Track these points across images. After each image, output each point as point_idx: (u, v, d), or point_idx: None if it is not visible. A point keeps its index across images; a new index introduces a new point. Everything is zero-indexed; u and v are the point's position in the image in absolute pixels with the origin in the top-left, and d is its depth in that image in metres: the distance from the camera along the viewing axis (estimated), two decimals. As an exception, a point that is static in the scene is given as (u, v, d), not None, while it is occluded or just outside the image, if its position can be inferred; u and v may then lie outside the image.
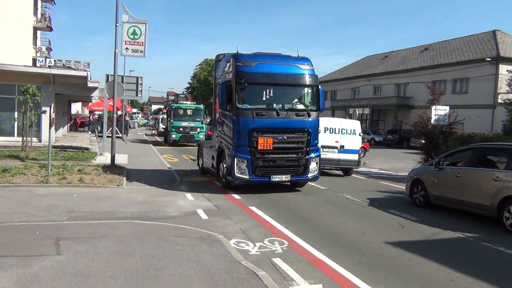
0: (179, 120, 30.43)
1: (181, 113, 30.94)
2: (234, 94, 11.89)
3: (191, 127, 30.48)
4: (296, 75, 12.53)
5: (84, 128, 44.34)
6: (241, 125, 11.85)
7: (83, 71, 22.72)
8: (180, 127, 30.26)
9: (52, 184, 12.09)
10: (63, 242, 6.79)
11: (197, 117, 31.19)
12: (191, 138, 30.26)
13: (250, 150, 11.84)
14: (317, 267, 6.50)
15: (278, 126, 12.02)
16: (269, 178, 12.08)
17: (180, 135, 30.16)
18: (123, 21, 15.66)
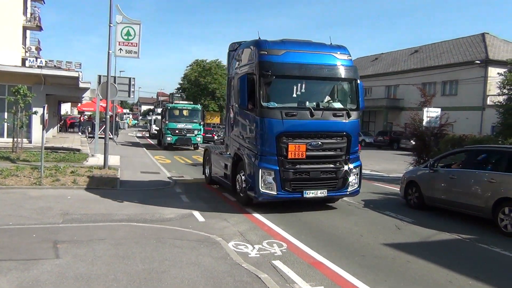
0: (175, 122, 28.15)
1: (177, 114, 28.70)
2: (257, 90, 9.84)
3: (188, 129, 28.33)
4: (333, 66, 10.47)
5: (74, 129, 43.96)
6: (267, 128, 9.78)
7: (75, 72, 22.50)
8: (176, 129, 28.08)
9: (45, 186, 11.96)
10: (61, 245, 6.72)
11: (194, 118, 28.95)
12: (188, 141, 28.58)
13: (278, 160, 9.79)
14: (317, 269, 6.51)
15: (313, 129, 10.00)
16: (302, 193, 9.98)
17: (176, 138, 28.07)
18: (117, 22, 15.59)
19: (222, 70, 66.63)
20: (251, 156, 10.23)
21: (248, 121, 10.47)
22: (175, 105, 29.77)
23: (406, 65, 47.69)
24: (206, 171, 14.81)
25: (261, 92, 9.81)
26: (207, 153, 14.87)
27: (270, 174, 9.79)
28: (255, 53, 10.17)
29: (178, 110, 28.99)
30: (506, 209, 9.00)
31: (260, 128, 9.87)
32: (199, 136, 28.95)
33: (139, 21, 15.78)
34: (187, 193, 12.53)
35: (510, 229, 8.88)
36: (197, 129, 28.86)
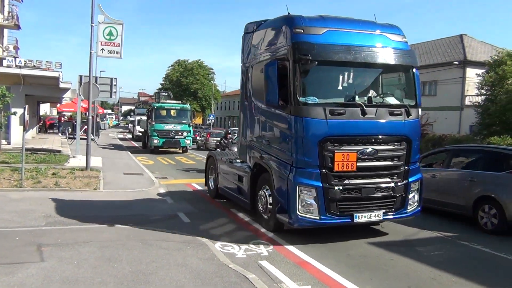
0: (162, 123, 26.24)
1: (164, 114, 26.79)
2: (291, 81, 7.53)
3: (176, 131, 26.43)
4: (387, 50, 8.15)
5: (53, 130, 43.23)
6: (307, 131, 7.41)
7: (55, 72, 22.17)
8: (164, 130, 26.17)
9: (27, 188, 11.76)
10: (45, 248, 6.62)
11: (183, 118, 27.16)
12: (176, 143, 26.80)
13: (321, 173, 7.47)
14: (304, 268, 6.57)
15: (365, 132, 7.70)
16: (352, 217, 7.69)
17: (163, 140, 26.14)
18: (99, 22, 15.43)
19: (205, 71, 66.57)
20: (282, 167, 7.91)
21: (278, 122, 8.14)
22: (162, 105, 27.62)
23: (387, 65, 48.24)
24: (210, 182, 12.42)
25: (296, 84, 7.49)
26: (211, 161, 12.56)
27: (310, 192, 7.50)
28: (288, 32, 7.84)
29: (165, 110, 27.02)
30: (486, 207, 9.23)
31: (297, 131, 7.52)
32: (188, 138, 27.16)
33: (121, 21, 15.65)
34: (172, 194, 12.48)
35: (490, 226, 9.11)
36: (186, 130, 26.97)
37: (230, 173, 10.79)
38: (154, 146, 26.17)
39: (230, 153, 12.46)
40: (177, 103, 29.84)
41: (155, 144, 26.14)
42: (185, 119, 27.32)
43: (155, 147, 26.26)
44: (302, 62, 7.42)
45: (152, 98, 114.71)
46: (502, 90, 24.23)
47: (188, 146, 27.88)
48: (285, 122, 7.83)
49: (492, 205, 9.09)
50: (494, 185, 9.17)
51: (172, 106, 27.74)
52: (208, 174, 12.70)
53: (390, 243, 8.18)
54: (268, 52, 8.65)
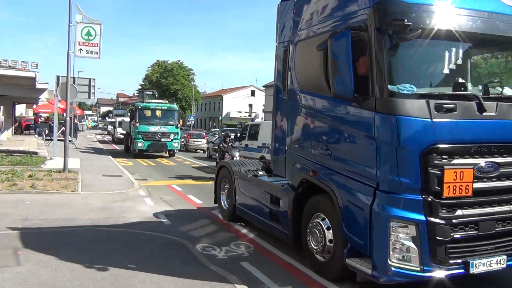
0: (147, 124, 24.24)
1: (149, 115, 24.80)
2: (377, 60, 5.04)
3: (162, 133, 24.46)
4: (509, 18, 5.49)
5: (29, 131, 42.41)
6: (404, 135, 4.93)
7: (31, 72, 21.73)
8: (149, 133, 24.11)
9: (1, 190, 11.50)
10: (22, 252, 6.49)
11: (170, 119, 25.20)
12: (163, 146, 24.89)
13: (425, 201, 5.00)
14: (285, 269, 6.60)
15: (484, 137, 5.27)
16: (466, 266, 5.09)
17: (148, 143, 24.15)
18: (76, 21, 15.21)
19: (185, 71, 66.32)
20: (357, 190, 5.44)
21: (350, 122, 5.58)
22: (147, 105, 25.53)
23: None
24: (223, 201, 9.89)
25: (384, 65, 5.03)
26: (223, 173, 9.96)
27: (409, 230, 5.00)
28: None
29: (150, 110, 24.96)
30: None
31: (387, 136, 5.05)
32: (176, 141, 25.18)
33: (99, 21, 15.46)
34: (151, 196, 12.38)
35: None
36: (174, 132, 24.97)
37: (255, 191, 8.28)
38: (139, 149, 24.32)
39: (250, 163, 9.74)
40: (163, 102, 27.93)
41: (139, 148, 24.21)
42: (172, 120, 25.31)
43: (139, 150, 24.40)
44: (394, 31, 4.92)
45: (131, 99, 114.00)
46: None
47: (175, 150, 26.04)
48: (363, 122, 5.31)
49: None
50: None
51: (158, 106, 25.73)
52: (219, 188, 10.10)
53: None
54: (330, 20, 5.95)
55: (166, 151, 25.63)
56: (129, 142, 26.78)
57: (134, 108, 26.01)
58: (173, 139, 24.91)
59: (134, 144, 24.47)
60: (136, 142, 24.15)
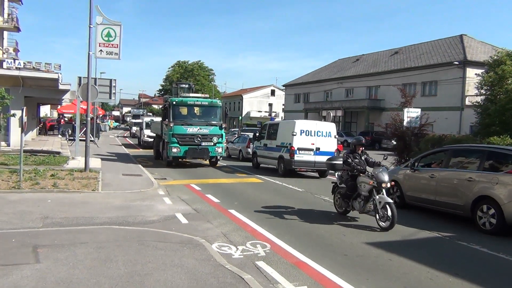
0: (184, 124, 19.47)
1: (186, 113, 20.11)
2: None
3: (203, 136, 19.60)
4: None
5: (53, 132, 43.30)
6: None
7: (54, 73, 22.17)
8: (186, 135, 19.35)
9: (25, 190, 11.74)
10: (41, 250, 6.61)
11: (212, 118, 20.23)
12: (203, 152, 19.75)
13: None
14: (301, 269, 6.54)
15: None
16: None
17: (185, 149, 19.28)
18: (97, 23, 15.42)
19: (205, 72, 66.72)
20: None
21: None
22: (184, 100, 20.26)
23: (387, 66, 48.29)
24: None
25: None
26: None
27: None
28: None
29: (188, 107, 20.16)
30: (484, 207, 9.20)
31: None
32: (220, 146, 20.16)
33: (119, 22, 15.63)
34: (170, 195, 12.45)
35: (488, 226, 9.08)
36: (217, 134, 19.97)
37: None
38: (173, 156, 19.52)
39: None
40: (204, 97, 22.17)
41: (174, 154, 19.38)
42: (215, 119, 20.27)
43: (174, 157, 19.70)
44: None
45: (152, 100, 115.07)
46: (502, 90, 24.16)
47: (219, 156, 20.92)
48: None
49: (491, 205, 9.06)
50: (492, 185, 9.14)
51: (198, 101, 20.49)
52: None
53: (388, 243, 8.15)
54: None
55: (207, 158, 20.63)
56: (161, 147, 21.94)
57: (167, 104, 20.47)
58: (216, 143, 19.95)
59: (168, 150, 19.53)
60: (170, 148, 19.26)
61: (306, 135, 17.46)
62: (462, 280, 6.27)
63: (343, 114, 51.05)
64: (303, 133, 17.43)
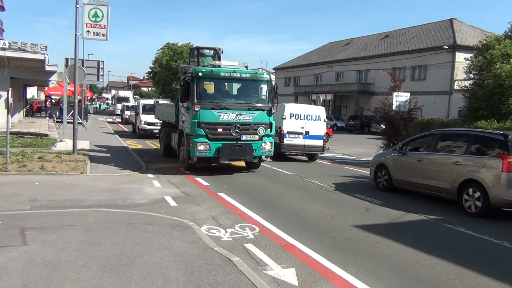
0: (216, 108, 12.96)
1: (217, 91, 13.63)
2: None
3: (244, 125, 13.18)
4: None
5: (40, 114, 42.79)
6: None
7: (40, 54, 21.77)
8: (219, 124, 12.94)
9: (11, 172, 11.63)
10: (29, 232, 6.57)
11: (256, 98, 13.77)
12: (244, 151, 13.21)
13: None
14: (289, 251, 6.60)
15: None
16: None
17: (218, 146, 12.90)
18: (83, 3, 15.10)
19: (194, 54, 65.72)
20: None
21: None
22: (216, 71, 13.33)
23: (377, 50, 48.28)
24: None
25: None
26: None
27: None
28: None
29: (221, 81, 13.58)
30: (470, 190, 9.33)
31: None
32: (268, 141, 13.58)
33: (107, 3, 15.33)
34: (159, 178, 12.42)
35: (473, 209, 9.23)
36: (265, 124, 13.44)
37: None
38: (200, 157, 12.98)
39: None
40: (243, 65, 14.15)
41: (201, 154, 12.83)
42: (262, 99, 13.70)
43: (200, 159, 13.15)
44: None
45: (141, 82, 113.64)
46: (490, 74, 24.30)
47: (265, 155, 13.83)
48: None
49: (476, 188, 9.20)
50: (478, 169, 9.26)
51: (236, 72, 13.45)
52: None
53: (375, 226, 8.25)
54: None
55: (250, 158, 13.42)
56: (175, 141, 15.30)
57: (188, 77, 13.33)
58: (263, 136, 13.36)
59: (192, 149, 12.81)
60: (195, 144, 12.68)
61: (296, 118, 17.46)
62: (446, 262, 6.38)
63: (333, 98, 51.17)
64: (293, 116, 17.43)
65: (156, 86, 72.41)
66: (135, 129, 28.82)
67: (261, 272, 5.70)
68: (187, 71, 13.85)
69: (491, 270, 6.11)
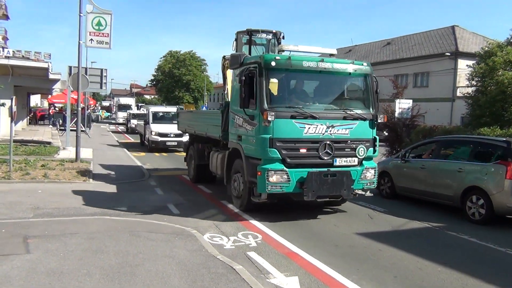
0: (298, 116, 8.42)
1: (298, 89, 9.34)
2: None
3: (339, 143, 8.83)
4: None
5: (44, 121, 42.91)
6: None
7: (44, 63, 21.91)
8: (301, 142, 8.50)
9: (15, 180, 11.66)
10: (32, 240, 6.58)
11: (354, 101, 9.64)
12: (340, 184, 8.65)
13: None
14: (292, 259, 6.58)
15: None
16: None
17: (301, 176, 8.37)
18: (87, 11, 15.21)
19: (197, 62, 66.12)
20: None
21: None
22: (296, 59, 8.82)
23: (379, 57, 48.31)
24: None
25: None
26: None
27: None
28: None
29: (302, 74, 9.10)
30: (474, 197, 9.29)
31: None
32: (370, 167, 9.23)
33: (110, 11, 15.44)
34: (162, 185, 12.42)
35: (477, 216, 9.18)
36: (365, 140, 9.19)
37: None
38: (272, 192, 8.45)
39: None
40: (330, 53, 9.93)
41: (274, 189, 8.34)
42: (360, 103, 9.65)
43: (270, 195, 8.70)
44: None
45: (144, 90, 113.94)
46: (492, 81, 24.30)
47: (368, 188, 9.49)
48: None
49: (480, 195, 9.16)
50: (481, 176, 9.23)
51: (325, 62, 8.92)
52: None
53: (378, 234, 8.22)
54: None
55: (348, 195, 8.99)
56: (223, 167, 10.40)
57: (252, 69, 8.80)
58: (363, 160, 9.20)
59: (260, 180, 8.34)
60: (267, 174, 8.25)
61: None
62: (450, 269, 6.35)
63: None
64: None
65: (159, 93, 72.72)
66: (143, 140, 25.04)
67: (264, 280, 5.68)
68: (247, 61, 9.24)
69: (496, 278, 6.08)
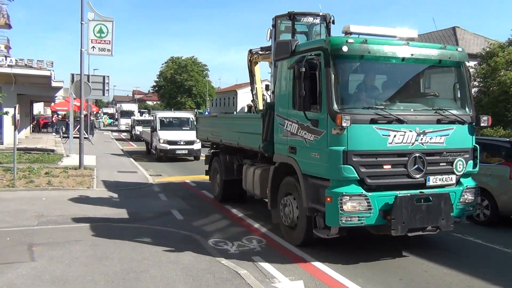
0: (381, 120, 6.19)
1: (376, 84, 7.03)
2: None
3: (431, 155, 6.52)
4: None
5: (47, 129, 43.05)
6: None
7: (46, 71, 22.03)
8: (385, 155, 6.28)
9: (19, 188, 11.70)
10: (36, 248, 6.59)
11: (447, 100, 7.39)
12: (437, 212, 6.39)
13: None
14: (296, 263, 6.57)
15: None
16: None
17: (385, 202, 6.16)
18: (88, 19, 15.32)
19: (199, 67, 66.32)
20: None
21: None
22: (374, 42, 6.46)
23: (381, 59, 48.29)
24: None
25: None
26: None
27: None
28: None
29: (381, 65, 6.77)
30: (478, 198, 9.23)
31: None
32: (470, 186, 7.05)
33: (111, 18, 15.55)
34: (165, 191, 12.43)
35: (482, 217, 9.15)
36: (463, 150, 6.89)
37: None
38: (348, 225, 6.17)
39: None
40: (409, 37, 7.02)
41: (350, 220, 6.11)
42: (456, 101, 7.29)
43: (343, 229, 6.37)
44: None
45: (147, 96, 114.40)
46: (494, 82, 24.22)
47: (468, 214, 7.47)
48: None
49: (484, 196, 9.12)
50: (485, 177, 9.19)
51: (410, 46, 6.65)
52: None
53: (381, 236, 8.17)
54: None
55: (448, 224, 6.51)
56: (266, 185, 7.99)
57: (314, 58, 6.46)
58: (461, 176, 6.96)
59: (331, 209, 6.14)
60: (341, 200, 5.98)
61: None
62: (456, 271, 6.32)
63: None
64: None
65: (161, 99, 72.97)
66: (150, 148, 23.39)
67: (269, 284, 5.67)
68: (302, 48, 7.12)
69: (501, 280, 6.05)
